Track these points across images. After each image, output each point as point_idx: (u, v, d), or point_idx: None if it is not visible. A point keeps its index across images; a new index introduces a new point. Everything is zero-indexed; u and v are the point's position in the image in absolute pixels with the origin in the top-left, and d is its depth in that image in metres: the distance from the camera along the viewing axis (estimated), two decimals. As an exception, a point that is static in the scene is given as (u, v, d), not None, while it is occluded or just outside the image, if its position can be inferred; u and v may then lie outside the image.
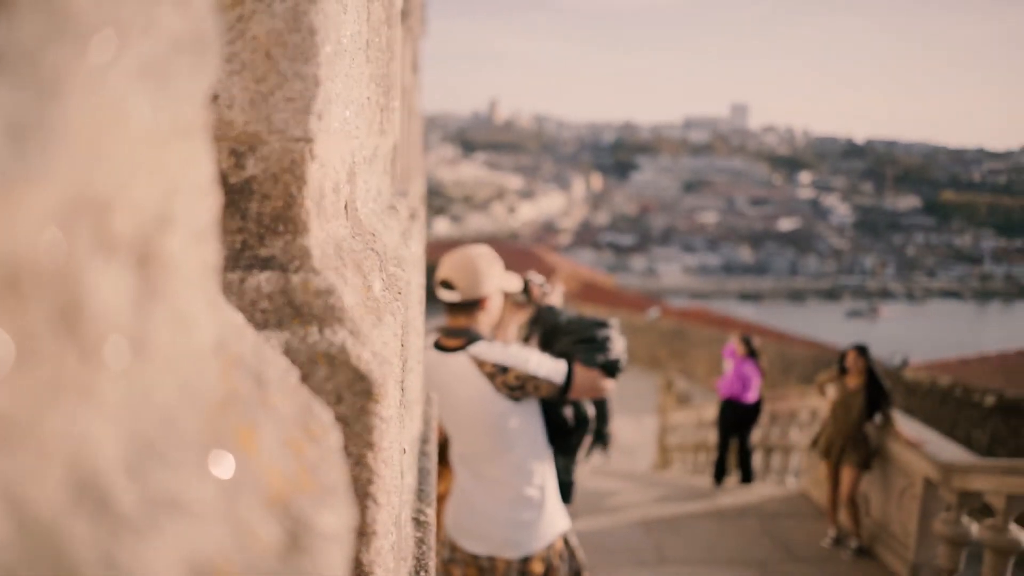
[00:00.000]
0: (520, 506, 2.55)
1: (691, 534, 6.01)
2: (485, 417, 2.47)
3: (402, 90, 6.54)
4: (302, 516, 0.26)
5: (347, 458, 0.52)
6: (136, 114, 0.22)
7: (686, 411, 9.57)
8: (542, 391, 2.45)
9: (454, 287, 2.46)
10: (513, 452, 2.52)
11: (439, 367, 2.53)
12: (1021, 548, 4.57)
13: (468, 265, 2.47)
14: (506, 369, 2.41)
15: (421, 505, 1.21)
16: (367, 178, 1.02)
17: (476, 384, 2.44)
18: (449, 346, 2.52)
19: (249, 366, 0.30)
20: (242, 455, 0.25)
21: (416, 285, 1.26)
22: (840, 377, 5.82)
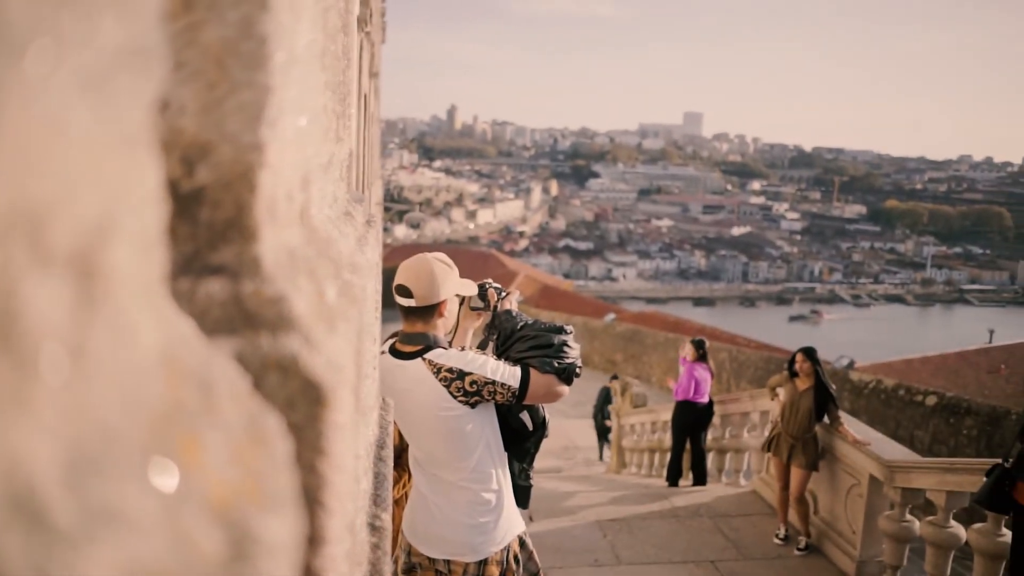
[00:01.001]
0: (477, 510, 2.56)
1: (646, 534, 6.07)
2: (441, 422, 2.48)
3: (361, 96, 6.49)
4: (247, 525, 0.26)
5: (299, 465, 0.52)
6: (76, 124, 0.22)
7: (641, 414, 9.67)
8: (498, 396, 2.47)
9: (410, 293, 2.48)
10: (470, 457, 2.53)
11: (396, 373, 2.52)
12: (960, 543, 4.72)
13: (424, 271, 2.50)
14: (462, 374, 2.43)
15: (377, 510, 1.20)
16: (322, 185, 1.02)
17: (432, 389, 2.45)
18: (405, 352, 2.52)
19: (196, 375, 0.30)
20: (185, 465, 0.24)
21: (372, 291, 1.25)
22: (790, 379, 5.95)
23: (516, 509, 2.73)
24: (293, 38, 0.64)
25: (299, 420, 0.53)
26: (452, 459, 2.53)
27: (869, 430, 5.97)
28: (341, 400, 0.61)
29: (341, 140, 1.31)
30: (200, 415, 0.28)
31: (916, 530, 4.96)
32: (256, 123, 0.55)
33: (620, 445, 10.29)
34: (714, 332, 20.43)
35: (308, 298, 0.61)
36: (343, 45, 1.29)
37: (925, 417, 9.04)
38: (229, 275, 0.55)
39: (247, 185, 0.55)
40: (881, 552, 5.27)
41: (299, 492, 0.54)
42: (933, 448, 8.79)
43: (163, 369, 0.27)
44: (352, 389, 0.74)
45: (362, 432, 1.00)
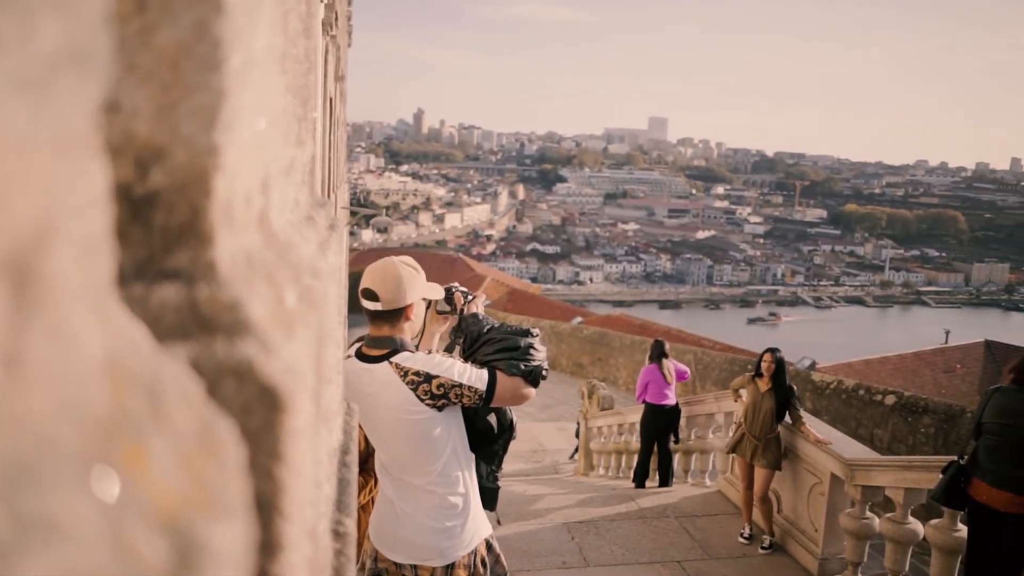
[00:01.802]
0: (444, 514, 2.55)
1: (613, 536, 6.10)
2: (408, 426, 2.47)
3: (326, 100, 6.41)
4: (193, 533, 0.25)
5: (255, 472, 0.51)
6: (11, 127, 0.21)
7: (608, 416, 9.72)
8: (465, 399, 2.46)
9: (376, 296, 2.47)
10: (437, 460, 2.52)
11: (362, 376, 2.51)
12: (919, 539, 4.83)
13: (390, 274, 2.49)
14: (429, 377, 2.42)
15: (341, 516, 1.19)
16: (283, 189, 1.01)
17: (399, 393, 2.44)
18: (372, 355, 2.51)
19: (144, 382, 0.29)
20: (129, 474, 0.24)
21: (334, 296, 1.25)
22: (752, 381, 6.04)
23: (483, 512, 2.73)
24: (250, 41, 0.63)
25: (255, 426, 0.52)
26: (419, 463, 2.52)
27: (831, 429, 6.08)
28: (300, 405, 0.61)
29: (303, 144, 1.30)
30: (147, 422, 0.28)
31: (876, 527, 5.06)
32: (211, 126, 0.54)
33: (588, 447, 10.33)
34: (680, 334, 20.63)
35: (266, 303, 0.60)
36: (305, 48, 1.28)
37: (884, 416, 9.22)
38: (184, 280, 0.54)
39: (202, 189, 0.54)
40: (843, 549, 5.37)
41: (255, 499, 0.54)
42: (892, 446, 8.97)
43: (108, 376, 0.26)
44: (312, 394, 0.73)
45: (324, 437, 0.99)
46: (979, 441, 4.24)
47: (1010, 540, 4.12)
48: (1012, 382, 4.20)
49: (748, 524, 6.09)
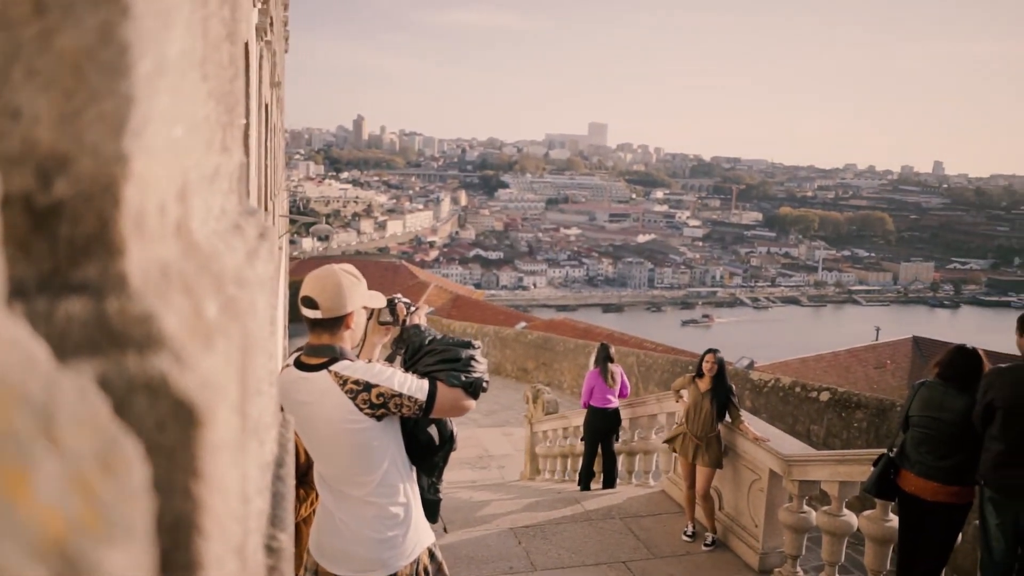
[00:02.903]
0: (384, 525, 2.52)
1: (559, 539, 6.13)
2: (347, 435, 2.43)
3: (262, 106, 6.29)
4: (82, 558, 0.24)
5: (170, 490, 0.49)
6: None
7: (553, 420, 9.76)
8: (404, 409, 2.44)
9: (316, 304, 2.44)
10: (376, 471, 2.49)
11: (299, 385, 2.47)
12: (853, 530, 4.99)
13: (331, 282, 2.47)
14: (369, 386, 2.40)
15: (274, 531, 1.17)
16: (207, 197, 0.98)
17: (338, 402, 2.40)
18: (310, 364, 2.48)
19: (35, 401, 0.28)
20: (8, 499, 0.23)
21: (264, 306, 1.22)
22: (693, 381, 6.15)
23: (425, 521, 2.71)
24: (162, 46, 0.61)
25: (170, 442, 0.51)
26: (358, 473, 2.49)
27: (768, 427, 6.23)
28: (220, 420, 0.59)
29: (229, 151, 1.27)
30: (34, 443, 0.27)
31: (813, 520, 5.21)
32: (119, 134, 0.52)
33: (533, 452, 10.36)
34: (623, 337, 20.87)
35: (182, 315, 0.58)
36: (230, 54, 1.25)
37: (820, 412, 9.50)
38: (92, 293, 0.52)
39: (111, 198, 0.52)
40: (782, 543, 5.50)
41: (170, 518, 0.52)
42: (827, 441, 9.24)
43: (-12, 396, 0.25)
44: (235, 408, 0.72)
45: (254, 451, 0.97)
46: (907, 434, 4.40)
47: (937, 528, 4.29)
48: (937, 376, 4.38)
49: (691, 522, 6.19)
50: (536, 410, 10.28)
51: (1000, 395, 3.91)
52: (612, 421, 8.00)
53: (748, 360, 18.56)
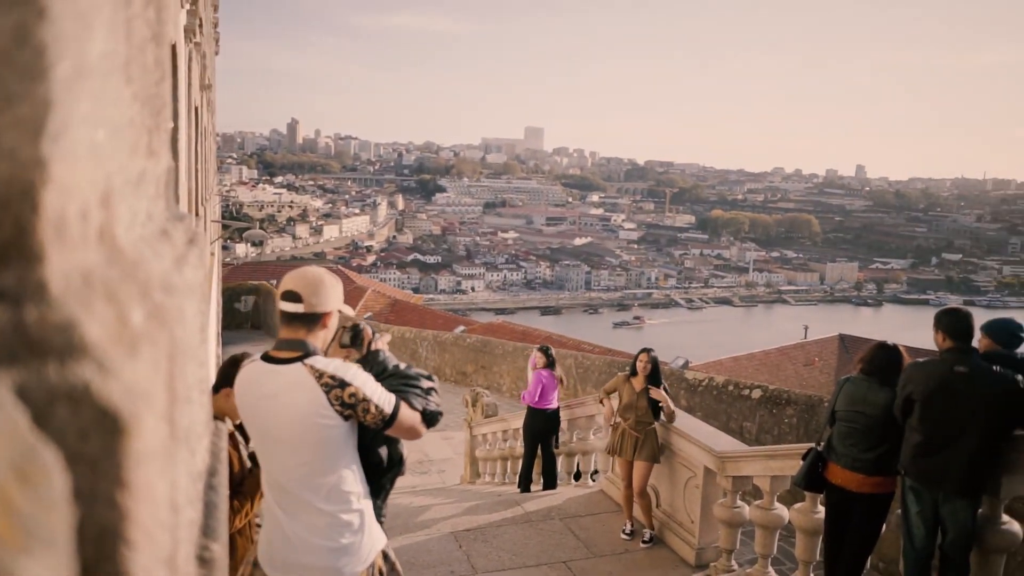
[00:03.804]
0: (339, 532, 2.51)
1: (500, 541, 6.14)
2: (315, 431, 2.43)
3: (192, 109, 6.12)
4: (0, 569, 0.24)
5: (94, 499, 0.49)
6: None
7: (493, 423, 9.77)
8: (370, 417, 2.46)
9: (299, 298, 2.47)
10: (334, 472, 2.49)
11: (266, 378, 2.47)
12: (784, 522, 5.14)
13: (315, 278, 2.51)
14: (344, 384, 2.42)
15: (207, 541, 1.15)
16: (132, 202, 0.97)
17: (310, 393, 2.41)
18: (281, 357, 2.48)
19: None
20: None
21: (194, 313, 1.20)
22: (627, 380, 6.25)
23: (377, 524, 2.71)
24: (82, 48, 0.60)
25: (94, 452, 0.50)
26: (317, 474, 2.47)
27: (703, 425, 6.37)
28: (146, 428, 0.58)
29: (156, 155, 1.25)
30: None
31: (746, 514, 5.35)
32: (36, 138, 0.51)
33: (473, 455, 10.35)
34: (560, 339, 21.03)
35: (105, 322, 0.57)
36: (155, 56, 1.23)
37: (752, 409, 9.76)
38: (9, 301, 0.51)
39: (28, 204, 0.51)
40: (717, 538, 5.63)
41: (94, 528, 0.51)
42: (760, 437, 9.50)
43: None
44: (163, 416, 0.71)
45: (184, 459, 0.95)
46: (833, 428, 4.57)
47: (862, 518, 4.47)
48: (860, 372, 4.56)
49: (629, 520, 6.28)
50: (476, 413, 10.28)
51: (918, 388, 4.10)
52: (552, 422, 8.06)
53: (683, 360, 18.95)
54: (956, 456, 3.94)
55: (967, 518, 3.98)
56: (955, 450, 3.95)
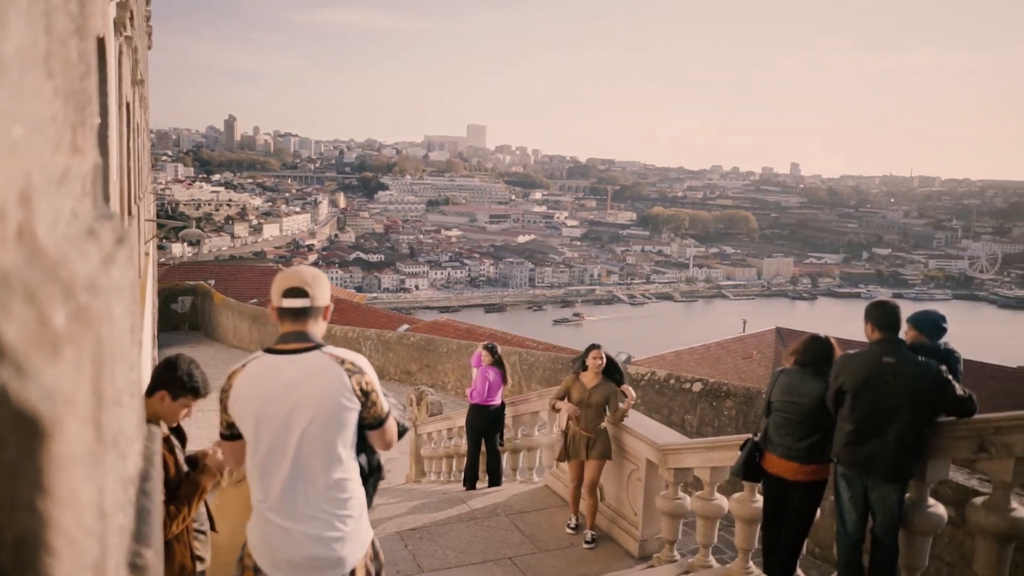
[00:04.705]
0: (342, 520, 2.62)
1: (446, 540, 6.13)
2: (339, 413, 2.55)
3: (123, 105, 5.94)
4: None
5: (12, 506, 0.47)
6: None
7: (437, 421, 9.74)
8: (371, 411, 2.63)
9: (307, 293, 2.62)
10: (347, 458, 2.62)
11: (281, 368, 2.58)
12: (724, 512, 5.26)
13: (316, 274, 2.71)
14: (363, 371, 2.60)
15: (139, 548, 1.12)
16: (55, 201, 0.94)
17: (335, 378, 2.55)
18: (294, 348, 2.60)
19: None
20: None
21: (123, 313, 1.18)
22: (577, 379, 6.24)
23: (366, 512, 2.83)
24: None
25: (11, 457, 0.49)
26: (334, 459, 2.58)
27: (645, 419, 6.47)
28: (69, 432, 0.57)
29: (81, 152, 1.21)
30: None
31: (688, 505, 5.46)
32: (-53, 134, 0.50)
33: (418, 454, 10.30)
34: (505, 337, 21.08)
35: (23, 324, 0.56)
36: (79, 50, 1.19)
37: (693, 402, 9.97)
38: (-81, 303, 0.49)
39: (-62, 202, 0.50)
40: (660, 530, 5.73)
41: (14, 535, 0.50)
42: (701, 430, 9.71)
43: None
44: (88, 420, 0.69)
45: (111, 464, 0.93)
46: (769, 418, 4.70)
47: (798, 505, 4.60)
48: (794, 364, 4.69)
49: (575, 515, 6.30)
50: (420, 412, 10.23)
51: (849, 379, 4.25)
52: (495, 418, 8.07)
53: (626, 355, 19.21)
54: (884, 443, 4.09)
55: (895, 502, 4.14)
56: (883, 438, 4.10)
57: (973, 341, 58.29)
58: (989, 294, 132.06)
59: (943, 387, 4.00)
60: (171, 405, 2.99)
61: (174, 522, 2.93)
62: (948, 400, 3.99)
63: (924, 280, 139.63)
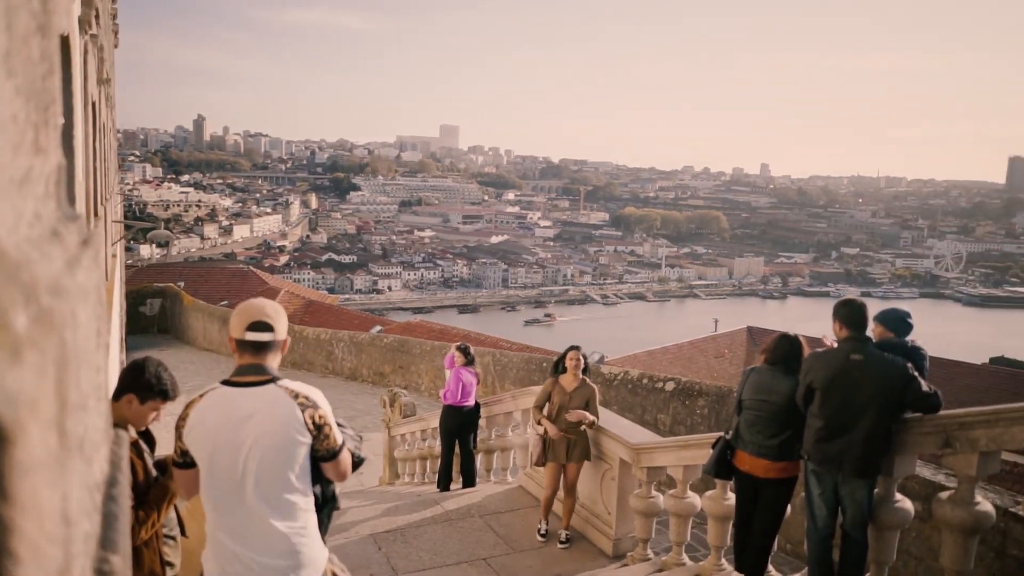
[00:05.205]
0: (295, 547, 2.67)
1: (420, 541, 6.11)
2: (292, 447, 2.61)
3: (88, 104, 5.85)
4: None
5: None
6: None
7: (411, 423, 9.71)
8: (324, 444, 2.68)
9: (272, 327, 2.70)
10: (299, 489, 2.68)
11: (238, 400, 2.64)
12: (697, 510, 5.31)
13: (278, 310, 2.77)
14: (316, 405, 2.66)
15: (106, 554, 1.11)
16: (16, 202, 0.92)
17: (288, 412, 2.61)
18: (252, 381, 2.67)
19: None
20: None
21: (89, 316, 1.16)
22: (556, 382, 6.15)
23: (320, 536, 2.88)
24: (-46, 40, 0.57)
25: (-28, 463, 0.48)
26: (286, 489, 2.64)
27: (619, 418, 6.50)
28: (32, 437, 0.56)
29: (44, 153, 1.19)
30: None
31: (661, 504, 5.49)
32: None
33: (392, 456, 10.25)
34: (478, 337, 21.06)
35: (-16, 327, 0.55)
36: (41, 48, 1.17)
37: (666, 401, 10.04)
38: None
39: None
40: (634, 528, 5.76)
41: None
42: (674, 428, 9.78)
43: None
44: (51, 424, 0.68)
45: (77, 470, 0.91)
46: (740, 417, 4.75)
47: (769, 502, 4.66)
48: (764, 362, 4.75)
49: (546, 520, 6.22)
50: (393, 414, 10.19)
51: (818, 376, 4.31)
52: (468, 419, 8.06)
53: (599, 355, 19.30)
54: (853, 440, 4.15)
55: (864, 498, 4.21)
56: (852, 434, 4.16)
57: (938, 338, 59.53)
58: (954, 292, 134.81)
59: (909, 384, 4.07)
60: (139, 409, 2.94)
61: (143, 528, 2.88)
62: (914, 396, 4.06)
63: (891, 279, 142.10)
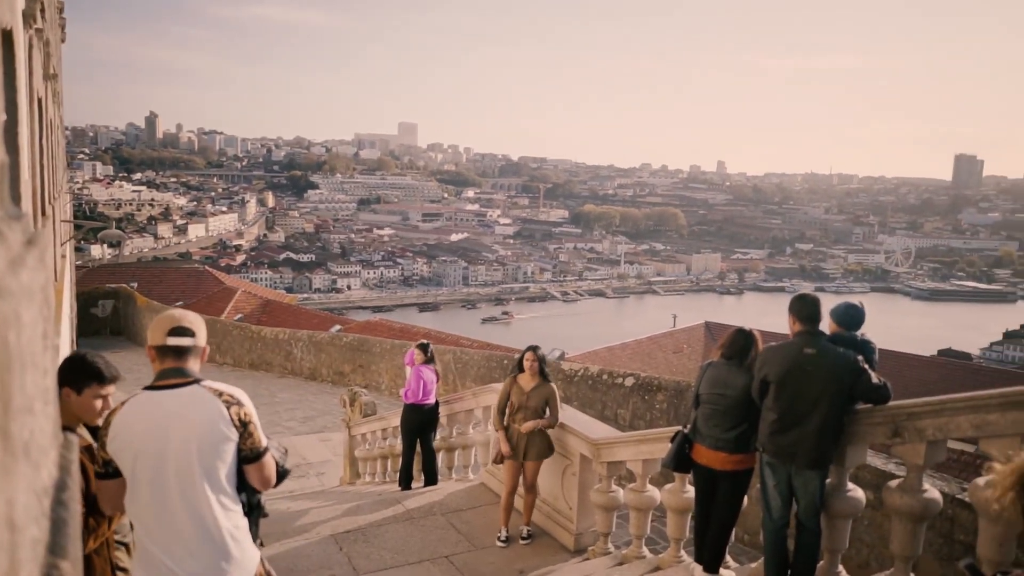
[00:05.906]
0: (224, 549, 2.67)
1: (382, 541, 6.08)
2: (218, 444, 2.64)
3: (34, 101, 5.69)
4: None
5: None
6: None
7: (372, 422, 9.64)
8: (248, 442, 2.71)
9: (194, 333, 2.77)
10: (226, 488, 2.69)
11: (161, 402, 2.66)
12: (656, 503, 5.37)
13: (198, 319, 2.86)
14: (240, 403, 2.71)
15: (55, 560, 1.09)
16: (-44, 199, 0.90)
17: (213, 409, 2.65)
18: (175, 383, 2.70)
19: None
20: None
21: (34, 318, 1.13)
22: (515, 382, 6.15)
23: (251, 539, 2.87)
24: None
25: (-91, 467, 0.46)
26: (213, 488, 2.65)
27: (579, 414, 6.54)
28: (-27, 440, 0.55)
29: (-15, 149, 1.16)
30: None
31: (621, 498, 5.55)
32: None
33: (353, 455, 10.17)
34: (439, 335, 20.99)
35: (-79, 328, 0.53)
36: (-19, 41, 1.14)
37: (625, 396, 10.13)
38: None
39: None
40: (595, 523, 5.81)
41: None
42: (633, 423, 9.87)
43: None
44: (-6, 427, 0.66)
45: (23, 475, 0.89)
46: (698, 410, 4.82)
47: (727, 494, 4.74)
48: (721, 357, 4.82)
49: (506, 527, 6.15)
50: (354, 413, 10.10)
51: (772, 370, 4.39)
52: (429, 417, 8.03)
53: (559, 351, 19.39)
54: (806, 431, 4.24)
55: (817, 488, 4.30)
56: (805, 426, 4.24)
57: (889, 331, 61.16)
58: (904, 286, 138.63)
59: (860, 376, 4.17)
60: (80, 400, 2.80)
61: (93, 535, 2.81)
62: (864, 388, 4.16)
63: (844, 274, 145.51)
